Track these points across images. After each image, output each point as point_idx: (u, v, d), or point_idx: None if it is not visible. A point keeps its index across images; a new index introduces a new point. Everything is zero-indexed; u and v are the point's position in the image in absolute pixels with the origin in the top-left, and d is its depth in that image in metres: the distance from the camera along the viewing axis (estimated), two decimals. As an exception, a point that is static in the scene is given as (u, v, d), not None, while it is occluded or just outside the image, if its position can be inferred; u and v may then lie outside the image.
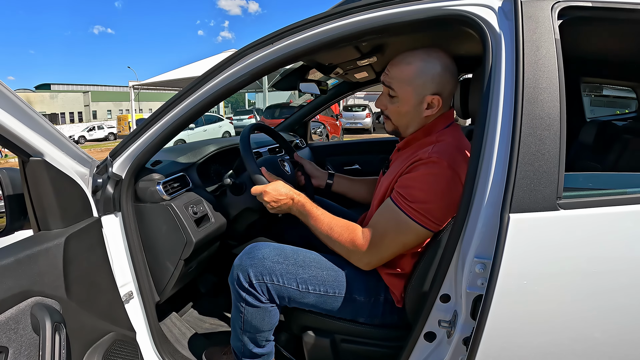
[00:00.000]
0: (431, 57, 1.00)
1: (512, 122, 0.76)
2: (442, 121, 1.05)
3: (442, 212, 0.92)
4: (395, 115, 1.07)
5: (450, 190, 0.91)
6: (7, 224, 0.96)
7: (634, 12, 0.78)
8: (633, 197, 0.75)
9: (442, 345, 0.90)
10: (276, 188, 1.11)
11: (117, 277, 1.09)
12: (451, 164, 0.92)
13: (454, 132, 1.03)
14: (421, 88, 1.00)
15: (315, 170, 1.48)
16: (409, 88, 1.01)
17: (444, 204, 0.92)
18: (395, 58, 1.05)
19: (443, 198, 0.92)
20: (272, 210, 1.13)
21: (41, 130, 0.88)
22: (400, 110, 1.05)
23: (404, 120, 1.06)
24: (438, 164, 0.92)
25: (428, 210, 0.92)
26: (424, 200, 0.92)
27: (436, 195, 0.92)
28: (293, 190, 1.12)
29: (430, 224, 0.93)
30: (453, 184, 0.91)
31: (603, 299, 0.76)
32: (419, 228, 0.93)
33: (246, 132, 1.30)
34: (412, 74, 1.00)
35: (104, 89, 47.98)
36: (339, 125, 12.34)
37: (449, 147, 0.96)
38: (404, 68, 1.01)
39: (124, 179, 1.12)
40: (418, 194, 0.93)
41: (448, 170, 0.92)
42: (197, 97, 1.05)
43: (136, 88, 13.33)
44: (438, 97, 1.00)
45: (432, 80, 1.00)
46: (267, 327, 1.08)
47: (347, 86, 2.27)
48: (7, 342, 0.74)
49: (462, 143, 1.01)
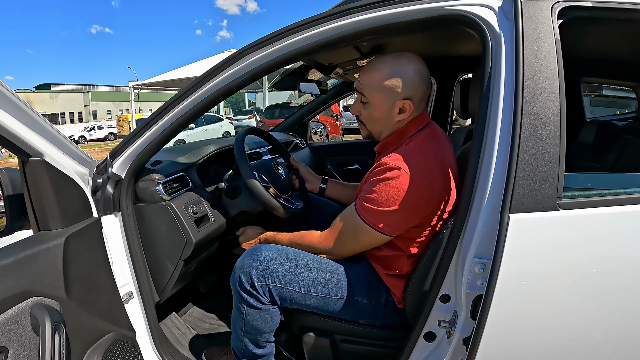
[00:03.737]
0: (400, 62, 0.99)
1: (512, 122, 0.76)
2: (414, 125, 1.04)
3: (398, 218, 0.94)
4: (369, 121, 1.08)
5: (406, 198, 0.92)
6: (7, 224, 0.96)
7: (634, 12, 0.78)
8: (633, 197, 0.75)
9: (442, 345, 0.90)
10: (246, 236, 1.29)
11: (117, 277, 1.09)
12: (408, 171, 0.92)
13: (424, 137, 1.02)
14: (391, 94, 1.00)
15: (309, 174, 1.49)
16: (379, 94, 1.01)
17: (400, 212, 0.93)
18: (366, 65, 1.05)
19: (397, 205, 0.92)
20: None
21: (41, 130, 0.88)
22: (372, 116, 1.05)
23: (377, 126, 1.07)
24: (395, 170, 0.93)
25: (382, 215, 0.94)
26: (377, 205, 0.94)
27: (391, 202, 0.93)
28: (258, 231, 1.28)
29: (386, 228, 0.95)
30: (409, 191, 0.91)
31: (603, 299, 0.76)
32: (373, 232, 0.96)
33: (241, 137, 1.30)
34: (381, 79, 1.00)
35: (104, 89, 47.93)
36: (339, 125, 12.34)
37: (409, 153, 0.96)
38: (373, 75, 1.01)
39: (124, 179, 1.12)
40: (373, 199, 0.95)
41: (404, 177, 0.92)
42: (197, 97, 1.05)
43: (136, 88, 13.32)
44: (409, 102, 1.00)
45: (403, 85, 0.99)
46: (268, 329, 1.08)
47: (347, 86, 2.27)
48: (7, 342, 0.74)
49: (426, 147, 0.99)
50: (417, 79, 0.99)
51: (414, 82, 0.99)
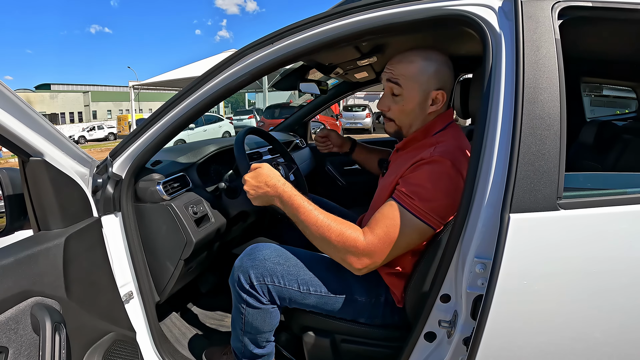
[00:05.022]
0: (430, 54, 1.02)
1: (512, 122, 0.76)
2: (441, 121, 1.05)
3: (446, 210, 0.93)
4: (400, 115, 1.06)
5: (453, 189, 0.91)
6: (7, 224, 0.96)
7: (634, 12, 0.78)
8: (633, 197, 0.75)
9: (442, 345, 0.90)
10: (256, 173, 1.01)
11: (117, 277, 1.09)
12: (454, 163, 0.92)
13: (454, 133, 1.04)
14: (426, 84, 1.01)
15: (338, 138, 1.62)
16: (415, 84, 1.02)
17: (447, 202, 0.92)
18: (395, 57, 1.05)
19: (447, 196, 0.92)
20: (255, 202, 1.03)
21: (41, 130, 0.88)
22: (405, 109, 1.04)
23: (409, 119, 1.06)
24: (441, 162, 0.92)
25: (433, 209, 0.91)
26: (428, 198, 0.91)
27: (441, 193, 0.92)
28: (278, 178, 1.00)
29: (435, 221, 0.92)
30: (456, 182, 0.91)
31: (603, 299, 0.76)
32: (423, 226, 0.92)
33: (241, 137, 1.30)
34: (417, 69, 1.01)
35: (104, 89, 47.94)
36: (339, 125, 12.35)
37: (451, 147, 0.96)
38: (409, 66, 1.02)
39: (124, 179, 1.12)
40: (423, 192, 0.92)
41: (451, 169, 0.92)
42: (197, 97, 1.05)
43: (136, 88, 13.32)
44: (442, 92, 1.02)
45: (435, 75, 1.01)
46: (267, 328, 1.08)
47: (347, 86, 2.27)
48: (7, 342, 0.74)
49: (463, 143, 1.01)
50: (448, 70, 1.03)
51: (446, 73, 1.03)
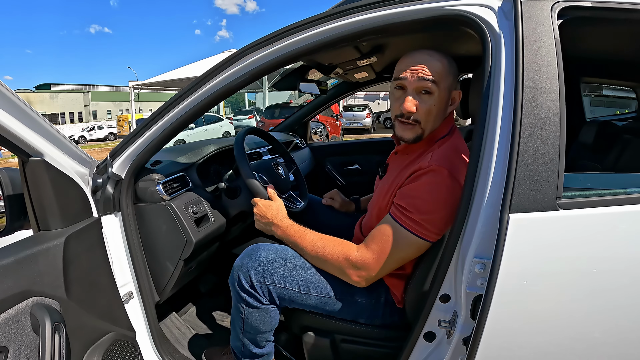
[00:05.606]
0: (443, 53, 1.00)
1: (512, 122, 0.76)
2: (444, 126, 1.03)
3: (443, 221, 0.91)
4: (427, 116, 0.97)
5: (452, 199, 0.89)
6: (7, 224, 0.96)
7: (634, 12, 0.78)
8: (633, 197, 0.75)
9: (441, 345, 0.90)
10: (267, 205, 1.13)
11: (117, 277, 1.09)
12: (451, 171, 0.91)
13: (454, 137, 1.02)
14: (452, 83, 1.00)
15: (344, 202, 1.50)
16: (445, 84, 0.97)
17: (445, 213, 0.90)
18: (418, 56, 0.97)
19: (445, 207, 0.90)
20: (257, 226, 1.15)
21: (41, 130, 0.88)
22: (432, 110, 0.97)
23: (434, 121, 0.99)
24: (439, 172, 0.90)
25: (429, 222, 0.90)
26: (426, 211, 0.90)
27: (438, 204, 0.90)
28: (282, 214, 1.11)
29: (431, 235, 0.91)
30: (454, 192, 0.90)
31: (603, 299, 0.76)
32: (419, 241, 0.92)
33: (241, 137, 1.30)
34: (446, 69, 0.97)
35: (104, 89, 47.93)
36: (339, 125, 12.34)
37: (448, 153, 0.95)
38: (438, 64, 0.96)
39: (124, 179, 1.12)
40: (420, 204, 0.91)
41: (449, 178, 0.90)
42: (197, 97, 1.05)
43: (136, 88, 13.32)
44: (460, 92, 1.02)
45: (456, 74, 1.00)
46: (267, 328, 1.08)
47: (347, 86, 2.27)
48: (7, 342, 0.74)
49: (460, 147, 0.99)
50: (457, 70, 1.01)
51: (457, 73, 1.02)
